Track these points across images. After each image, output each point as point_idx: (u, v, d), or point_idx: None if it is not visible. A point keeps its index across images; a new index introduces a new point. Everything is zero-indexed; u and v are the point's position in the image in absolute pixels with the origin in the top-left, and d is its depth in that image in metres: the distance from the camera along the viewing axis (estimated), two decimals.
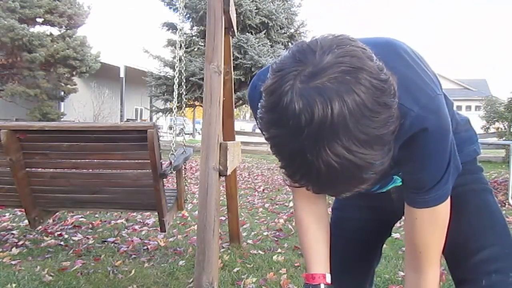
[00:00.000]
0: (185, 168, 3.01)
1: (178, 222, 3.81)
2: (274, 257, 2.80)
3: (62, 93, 15.12)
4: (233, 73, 2.74)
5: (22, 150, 2.51)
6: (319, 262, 1.00)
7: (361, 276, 1.27)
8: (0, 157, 2.51)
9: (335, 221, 1.23)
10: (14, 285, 2.29)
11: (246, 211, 4.39)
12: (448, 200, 0.90)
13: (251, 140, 13.32)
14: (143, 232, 3.47)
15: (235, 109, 3.12)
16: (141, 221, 3.87)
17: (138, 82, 15.91)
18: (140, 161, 2.45)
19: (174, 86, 2.71)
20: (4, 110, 13.87)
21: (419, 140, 0.81)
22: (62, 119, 14.72)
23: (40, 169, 2.65)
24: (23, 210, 2.92)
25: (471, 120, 1.13)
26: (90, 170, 2.64)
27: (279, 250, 3.00)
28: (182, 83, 3.01)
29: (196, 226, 3.20)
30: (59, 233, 3.37)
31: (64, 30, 14.45)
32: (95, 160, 2.59)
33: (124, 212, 3.87)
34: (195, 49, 11.97)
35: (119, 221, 3.81)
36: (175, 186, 3.01)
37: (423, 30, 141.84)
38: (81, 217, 3.89)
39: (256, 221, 3.95)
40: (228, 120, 2.68)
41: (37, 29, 13.92)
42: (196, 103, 12.72)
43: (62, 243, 3.11)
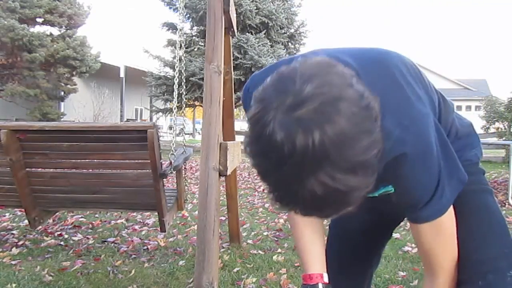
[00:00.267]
0: (185, 168, 3.01)
1: (178, 222, 3.81)
2: (274, 257, 2.80)
3: (62, 93, 15.14)
4: (233, 73, 2.74)
5: (22, 150, 2.51)
6: (316, 262, 1.01)
7: (358, 277, 1.27)
8: (0, 157, 2.51)
9: (333, 221, 1.23)
10: (14, 285, 2.29)
11: (246, 211, 4.39)
12: (450, 210, 0.90)
13: None
14: (143, 232, 3.47)
15: (235, 109, 3.12)
16: (141, 221, 3.87)
17: (138, 82, 15.90)
18: (140, 161, 2.45)
19: (174, 86, 2.72)
20: (4, 110, 13.87)
21: (401, 164, 0.82)
22: (62, 119, 14.73)
23: (40, 169, 2.65)
24: (23, 210, 2.92)
25: (471, 120, 1.13)
26: (90, 170, 2.65)
27: (279, 250, 3.00)
28: (182, 83, 3.01)
29: (196, 226, 3.20)
30: (59, 233, 3.38)
31: (64, 30, 14.47)
32: (95, 160, 2.59)
33: (124, 212, 3.87)
34: (195, 49, 11.96)
35: (119, 221, 3.81)
36: (175, 186, 3.01)
37: (423, 30, 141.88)
38: (81, 217, 3.90)
39: (256, 221, 3.95)
40: (228, 120, 2.68)
41: (37, 29, 13.94)
42: (196, 103, 12.70)
43: (62, 243, 3.11)
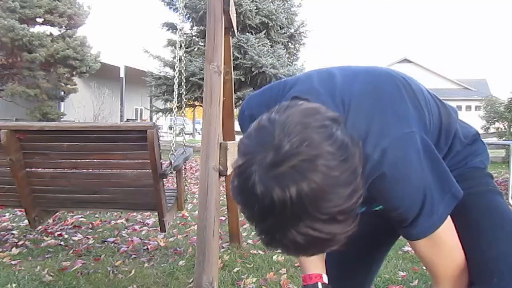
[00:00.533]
0: (185, 168, 3.01)
1: (178, 222, 3.80)
2: (274, 257, 2.80)
3: (62, 93, 15.15)
4: (233, 73, 2.74)
5: (22, 150, 2.51)
6: (314, 263, 1.02)
7: (357, 279, 1.26)
8: (0, 157, 2.51)
9: None
10: (14, 285, 2.29)
11: None
12: (446, 222, 0.87)
13: None
14: (143, 232, 3.47)
15: (235, 109, 3.12)
16: (141, 221, 3.87)
17: (138, 82, 15.89)
18: (140, 161, 2.45)
19: (174, 86, 2.72)
20: (4, 110, 13.88)
21: (382, 184, 0.83)
22: (62, 119, 14.73)
23: (40, 169, 2.65)
24: (23, 210, 2.92)
25: (471, 120, 1.13)
26: (90, 170, 2.65)
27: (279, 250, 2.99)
28: (182, 83, 3.02)
29: (196, 226, 3.20)
30: (59, 233, 3.37)
31: (64, 30, 14.48)
32: (95, 160, 2.59)
33: (124, 212, 3.87)
34: (195, 49, 11.96)
35: (119, 221, 3.81)
36: (175, 186, 3.01)
37: (423, 30, 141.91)
38: (81, 217, 3.89)
39: None
40: (228, 120, 2.68)
41: (37, 29, 13.95)
42: (196, 103, 12.70)
43: (62, 243, 3.11)
